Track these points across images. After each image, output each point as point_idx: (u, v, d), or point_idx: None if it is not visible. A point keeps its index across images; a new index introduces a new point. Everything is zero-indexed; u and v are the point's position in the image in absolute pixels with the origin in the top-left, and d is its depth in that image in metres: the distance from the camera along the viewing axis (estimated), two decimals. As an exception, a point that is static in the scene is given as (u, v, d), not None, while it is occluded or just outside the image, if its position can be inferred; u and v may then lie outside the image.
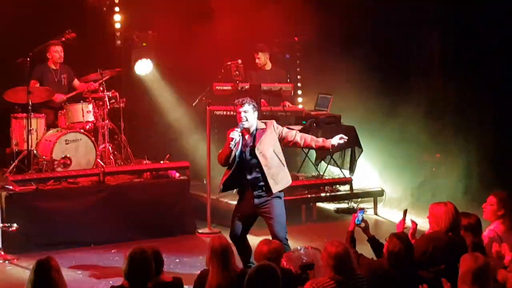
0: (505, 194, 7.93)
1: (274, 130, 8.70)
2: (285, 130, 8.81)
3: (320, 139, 8.92)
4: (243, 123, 8.61)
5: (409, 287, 6.27)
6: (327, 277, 6.31)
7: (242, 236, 8.81)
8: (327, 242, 6.43)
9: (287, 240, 8.60)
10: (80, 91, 12.02)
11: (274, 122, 8.85)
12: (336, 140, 8.81)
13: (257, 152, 8.58)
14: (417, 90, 13.11)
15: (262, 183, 8.61)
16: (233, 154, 8.62)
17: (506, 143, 12.69)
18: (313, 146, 8.96)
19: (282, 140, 8.74)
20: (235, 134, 8.54)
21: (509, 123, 12.65)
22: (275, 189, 8.60)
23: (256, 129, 8.67)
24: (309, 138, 8.89)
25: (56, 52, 11.94)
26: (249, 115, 8.60)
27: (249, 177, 8.64)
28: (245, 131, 8.70)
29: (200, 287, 6.57)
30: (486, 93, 12.79)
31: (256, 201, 8.64)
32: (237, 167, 8.66)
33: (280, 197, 8.72)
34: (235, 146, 8.54)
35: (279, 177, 8.65)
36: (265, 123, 8.77)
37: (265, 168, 8.56)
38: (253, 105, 8.65)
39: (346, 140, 8.87)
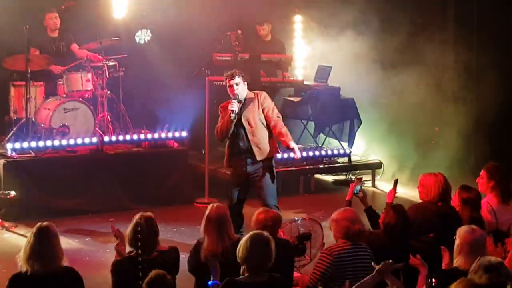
0: (493, 165, 7.91)
1: (258, 100, 8.84)
2: (267, 104, 8.83)
3: (288, 137, 8.84)
4: (237, 93, 8.72)
5: (403, 256, 6.33)
6: (341, 242, 6.51)
7: (240, 206, 8.90)
8: (340, 209, 6.67)
9: (278, 208, 8.63)
10: (80, 57, 11.95)
11: (263, 93, 8.99)
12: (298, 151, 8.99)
13: (243, 119, 8.75)
14: (416, 62, 13.05)
15: (251, 151, 8.75)
16: (232, 126, 8.69)
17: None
18: (279, 138, 8.94)
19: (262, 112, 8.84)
20: (234, 106, 8.65)
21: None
22: (259, 157, 8.78)
23: (246, 98, 8.83)
24: (279, 129, 8.81)
25: (51, 19, 11.84)
26: (240, 87, 8.77)
27: (241, 144, 8.80)
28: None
29: (196, 255, 6.59)
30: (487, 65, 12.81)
31: (249, 168, 8.81)
32: (231, 136, 8.81)
33: (270, 167, 8.87)
34: (235, 117, 8.62)
35: (262, 146, 8.78)
36: (255, 93, 8.93)
37: (249, 136, 8.74)
38: (242, 76, 8.81)
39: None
